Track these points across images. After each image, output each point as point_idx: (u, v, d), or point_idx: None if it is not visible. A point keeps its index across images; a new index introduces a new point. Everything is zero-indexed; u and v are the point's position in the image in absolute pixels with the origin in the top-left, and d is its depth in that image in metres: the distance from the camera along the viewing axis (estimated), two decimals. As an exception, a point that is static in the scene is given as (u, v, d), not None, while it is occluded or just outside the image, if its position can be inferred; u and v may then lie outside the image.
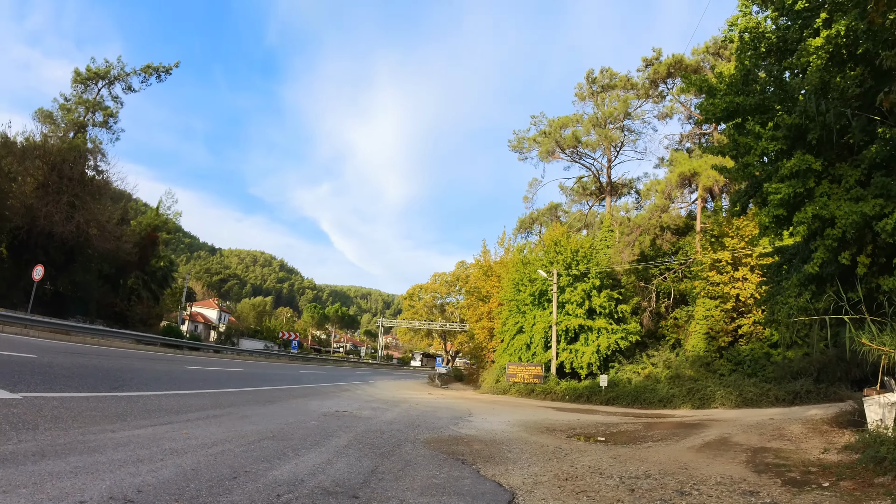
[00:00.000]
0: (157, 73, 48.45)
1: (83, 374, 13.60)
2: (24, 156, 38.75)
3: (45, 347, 18.46)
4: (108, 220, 41.40)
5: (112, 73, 46.89)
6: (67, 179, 38.67)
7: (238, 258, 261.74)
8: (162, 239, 56.01)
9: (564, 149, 49.37)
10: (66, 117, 44.71)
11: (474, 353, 57.46)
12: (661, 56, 43.07)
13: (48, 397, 8.91)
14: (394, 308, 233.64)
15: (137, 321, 46.67)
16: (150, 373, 17.72)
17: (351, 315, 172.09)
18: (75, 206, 38.17)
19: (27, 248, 37.14)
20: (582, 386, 30.51)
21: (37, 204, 36.43)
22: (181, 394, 13.31)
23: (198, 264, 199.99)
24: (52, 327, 26.35)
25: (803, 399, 20.79)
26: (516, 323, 37.48)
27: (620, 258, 35.98)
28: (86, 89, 46.58)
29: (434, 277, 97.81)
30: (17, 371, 11.22)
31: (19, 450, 5.51)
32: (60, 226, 36.66)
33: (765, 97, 16.05)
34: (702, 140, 42.22)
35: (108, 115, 46.85)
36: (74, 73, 46.18)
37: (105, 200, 43.49)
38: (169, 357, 28.33)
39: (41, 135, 41.67)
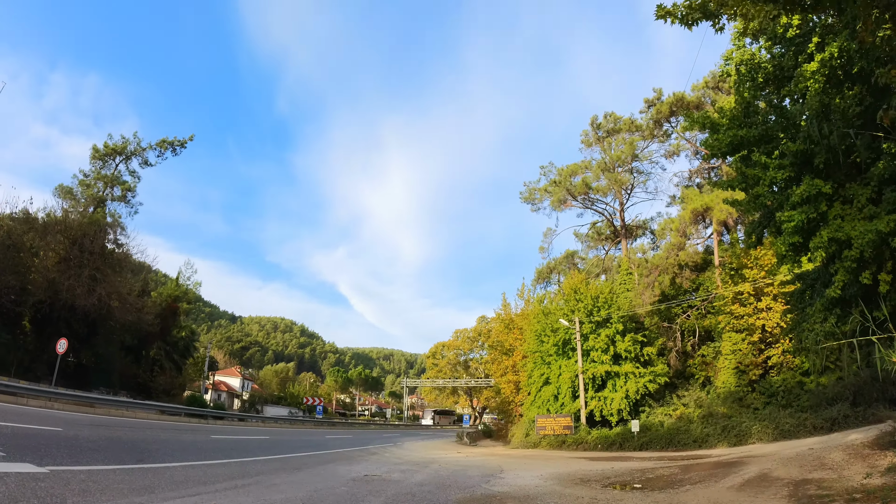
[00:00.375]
0: (172, 146, 49.70)
1: (109, 446, 13.57)
2: (45, 231, 39.58)
3: (71, 420, 18.48)
4: (129, 292, 41.91)
5: (129, 149, 48.18)
6: (88, 253, 39.34)
7: (259, 325, 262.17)
8: (182, 309, 56.41)
9: (576, 196, 49.57)
10: (85, 193, 45.80)
11: (501, 408, 56.58)
12: (662, 96, 43.59)
13: (75, 470, 8.89)
14: (417, 367, 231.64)
15: (161, 392, 46.63)
16: (176, 443, 17.64)
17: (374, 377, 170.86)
18: (97, 279, 38.70)
19: (50, 322, 37.55)
20: (614, 433, 29.88)
21: (59, 278, 36.99)
22: (208, 464, 13.21)
23: (219, 333, 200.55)
24: (77, 400, 26.39)
25: (841, 424, 20.13)
26: (542, 374, 36.98)
27: (641, 300, 35.66)
28: (104, 165, 47.82)
29: (456, 334, 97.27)
30: (44, 444, 11.22)
31: (49, 526, 5.48)
32: (82, 299, 37.10)
33: (767, 127, 16.17)
34: (711, 174, 42.28)
35: (126, 190, 47.92)
36: (92, 149, 47.54)
37: (126, 273, 44.13)
38: (194, 427, 28.22)
39: (62, 210, 42.69)
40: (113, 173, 47.85)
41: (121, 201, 47.83)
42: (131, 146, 48.37)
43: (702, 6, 10.42)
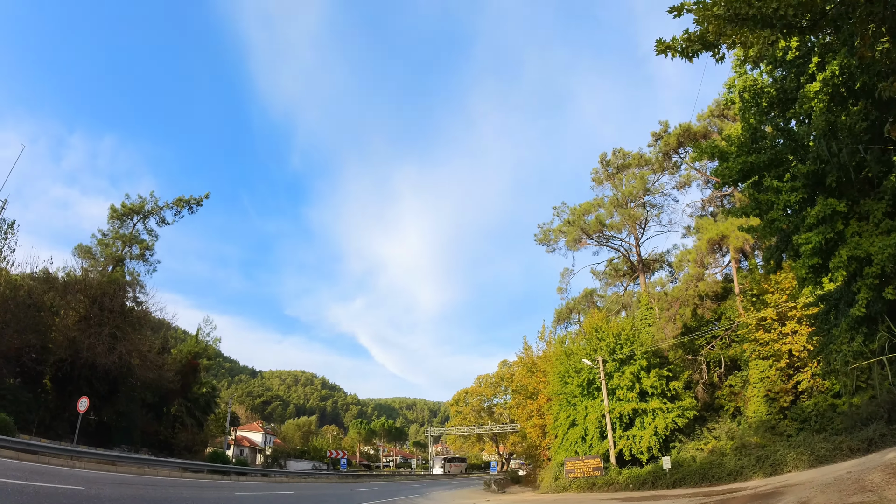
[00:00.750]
0: (188, 205, 50.58)
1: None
2: (65, 290, 40.10)
3: (92, 479, 18.39)
4: (149, 349, 42.11)
5: (146, 208, 49.13)
6: (108, 311, 39.70)
7: (279, 379, 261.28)
8: (203, 365, 56.48)
9: (591, 234, 49.54)
10: (104, 252, 46.58)
11: (529, 453, 55.66)
12: (669, 128, 43.88)
13: (102, 526, 8.82)
14: (441, 416, 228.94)
15: (182, 448, 46.40)
16: (199, 501, 17.49)
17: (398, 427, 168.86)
18: (117, 337, 38.97)
19: (71, 380, 37.72)
20: (645, 472, 29.20)
21: (79, 336, 37.28)
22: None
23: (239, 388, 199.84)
24: (98, 458, 26.29)
25: (878, 444, 19.46)
26: (568, 416, 36.43)
27: (664, 334, 35.25)
28: (122, 224, 48.75)
29: (478, 380, 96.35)
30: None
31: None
32: (103, 357, 37.30)
33: (776, 150, 16.24)
34: (724, 202, 42.13)
35: (144, 248, 48.69)
36: (110, 209, 48.57)
37: (145, 330, 44.42)
38: (216, 484, 27.97)
39: (81, 269, 43.39)
40: (131, 232, 48.71)
41: (139, 259, 48.60)
42: (148, 205, 49.35)
43: (700, 38, 10.61)
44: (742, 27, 10.31)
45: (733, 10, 10.00)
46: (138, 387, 43.35)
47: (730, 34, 10.39)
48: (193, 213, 51.42)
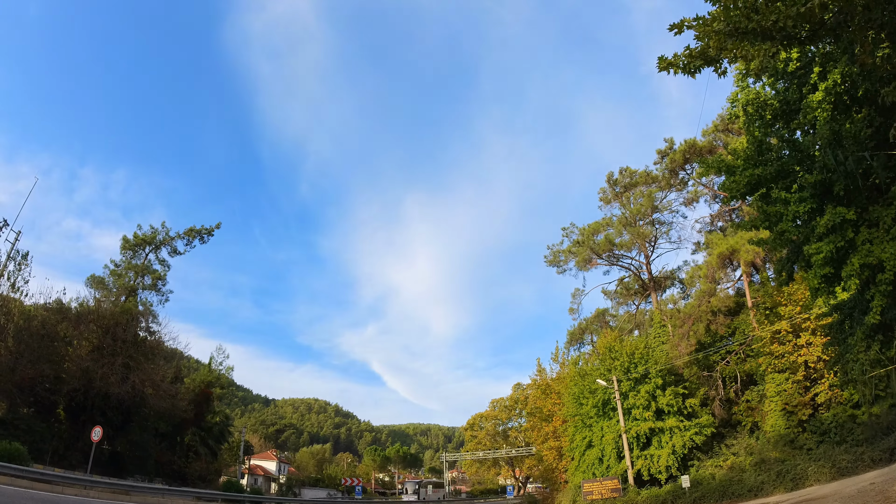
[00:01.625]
0: (199, 235, 50.99)
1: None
2: (78, 320, 40.30)
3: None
4: (162, 379, 42.13)
5: (158, 239, 49.61)
6: (121, 342, 39.87)
7: (293, 407, 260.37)
8: (216, 394, 56.47)
9: (600, 254, 49.43)
10: (116, 282, 46.96)
11: (545, 476, 55.15)
12: (675, 144, 43.90)
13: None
14: (455, 441, 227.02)
15: (196, 478, 46.21)
16: (216, 527, 17.41)
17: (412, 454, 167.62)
18: (130, 366, 39.07)
19: (84, 410, 37.77)
20: (664, 491, 28.87)
21: (92, 366, 37.37)
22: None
23: (253, 417, 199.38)
24: (112, 488, 26.24)
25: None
26: (584, 438, 36.14)
27: (678, 352, 34.98)
28: (134, 255, 49.20)
29: (493, 404, 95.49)
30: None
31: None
32: (116, 386, 37.37)
33: (783, 162, 16.26)
34: (732, 216, 42.01)
35: (156, 279, 49.05)
36: (123, 240, 49.08)
37: (158, 360, 44.49)
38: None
39: (94, 300, 43.67)
40: (143, 263, 49.10)
41: (151, 290, 48.92)
42: (160, 236, 49.83)
43: (702, 53, 10.71)
44: (742, 41, 10.41)
45: (733, 24, 10.10)
46: (152, 416, 43.34)
47: (731, 48, 10.48)
48: (205, 242, 51.84)
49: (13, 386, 35.61)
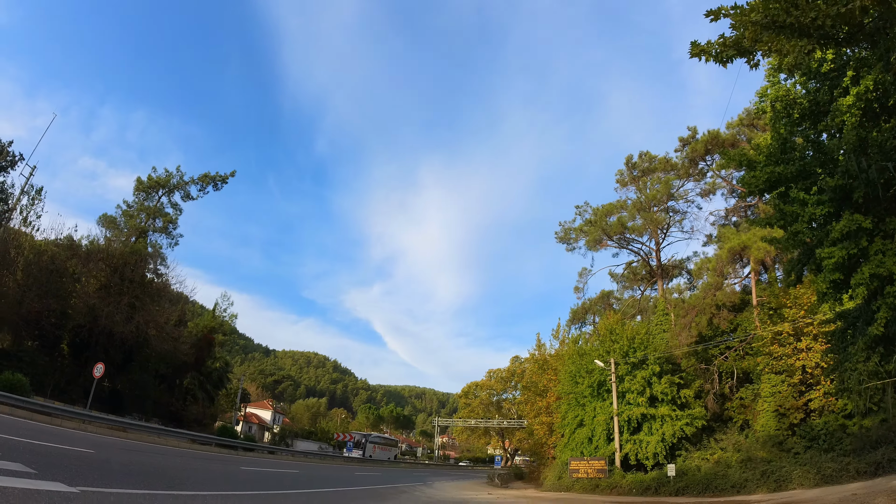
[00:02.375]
0: (214, 182, 51.02)
1: (140, 471, 13.68)
2: (88, 258, 40.74)
3: (103, 443, 18.70)
4: (166, 321, 42.66)
5: (172, 182, 49.69)
6: (128, 282, 40.32)
7: (292, 359, 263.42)
8: (218, 340, 57.10)
9: (611, 236, 49.13)
10: (128, 223, 47.26)
11: (534, 450, 55.66)
12: (697, 134, 43.22)
13: (105, 493, 8.96)
14: (449, 407, 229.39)
15: (192, 421, 47.05)
16: (206, 473, 17.70)
17: (406, 415, 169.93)
18: (135, 307, 39.55)
19: (88, 347, 38.35)
20: (649, 478, 29.11)
21: (99, 304, 37.85)
22: (237, 494, 13.23)
23: (252, 366, 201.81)
24: (110, 424, 26.76)
25: (886, 469, 19.21)
26: (576, 416, 36.37)
27: (678, 341, 34.95)
28: (147, 197, 49.38)
29: (489, 374, 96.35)
30: (76, 465, 11.35)
31: (79, 539, 5.53)
32: (120, 326, 37.86)
33: (805, 163, 16.01)
34: (748, 212, 41.58)
35: (167, 222, 49.26)
36: (137, 181, 49.26)
37: (164, 302, 45.00)
38: (223, 457, 28.31)
39: (104, 239, 44.18)
40: (155, 205, 49.28)
41: (162, 233, 49.19)
42: (174, 179, 49.89)
43: (736, 43, 10.47)
44: (779, 35, 10.17)
45: (771, 16, 9.85)
46: (153, 357, 43.99)
47: (766, 41, 10.24)
48: (218, 189, 51.98)
49: (19, 318, 36.17)
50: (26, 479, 8.17)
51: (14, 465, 9.02)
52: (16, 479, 7.90)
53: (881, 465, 19.63)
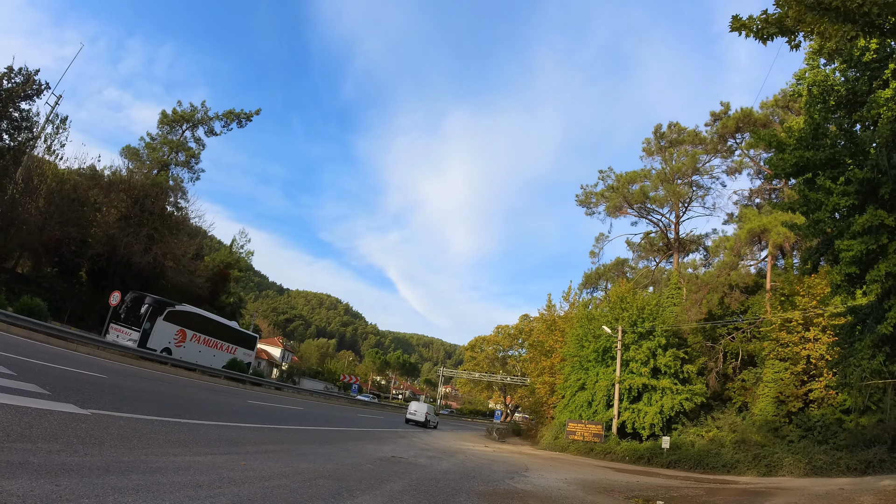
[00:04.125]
0: (238, 119, 51.00)
1: (149, 398, 14.11)
2: (109, 188, 41.30)
3: (115, 370, 19.22)
4: (183, 254, 43.33)
5: (196, 117, 49.77)
6: (148, 213, 40.88)
7: (305, 300, 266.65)
8: (233, 276, 57.99)
9: (632, 204, 48.77)
10: (151, 155, 47.66)
11: (534, 409, 56.41)
12: (730, 110, 42.36)
13: (115, 416, 9.30)
14: (455, 358, 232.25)
15: (203, 353, 47.79)
16: (213, 403, 18.20)
17: (412, 363, 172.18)
18: (154, 238, 40.17)
19: (105, 275, 39.18)
20: (643, 447, 29.55)
21: (118, 234, 38.53)
22: (242, 426, 13.63)
23: (265, 303, 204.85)
24: (124, 351, 27.33)
25: (876, 468, 19.44)
26: (578, 379, 36.75)
27: (687, 316, 34.98)
28: (171, 130, 49.61)
29: (497, 330, 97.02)
30: (88, 389, 11.74)
31: (85, 463, 5.79)
32: (138, 256, 38.55)
33: (835, 151, 15.73)
34: (772, 196, 41.03)
35: (190, 156, 49.55)
36: (161, 114, 49.42)
37: (182, 235, 45.64)
38: (231, 390, 29.01)
39: (127, 170, 44.73)
40: (179, 139, 49.50)
41: (184, 167, 49.56)
42: (199, 114, 49.97)
43: (778, 21, 10.22)
44: (823, 17, 9.91)
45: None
46: (169, 289, 44.74)
47: (809, 22, 9.99)
48: (242, 127, 52.02)
49: (40, 245, 36.94)
50: (40, 400, 8.50)
51: (29, 386, 9.36)
52: (30, 399, 8.23)
53: (871, 464, 19.81)
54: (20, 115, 38.41)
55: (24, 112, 38.66)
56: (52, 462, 5.46)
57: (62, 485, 4.79)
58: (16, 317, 22.49)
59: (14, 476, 4.69)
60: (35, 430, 6.55)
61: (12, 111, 37.73)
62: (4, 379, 9.28)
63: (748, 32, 10.51)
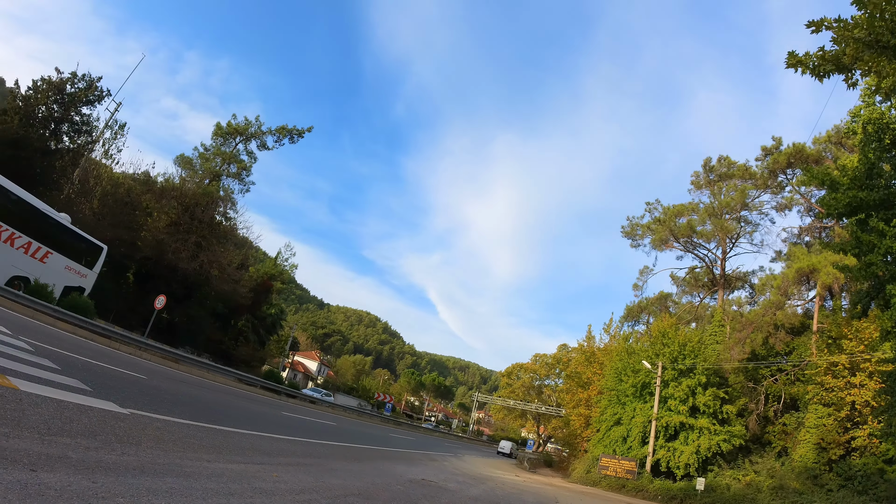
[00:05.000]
0: (290, 135, 52.17)
1: (187, 401, 14.37)
2: (161, 194, 42.67)
3: (155, 371, 19.62)
4: (228, 263, 44.22)
5: (250, 131, 51.12)
6: (198, 221, 41.92)
7: (344, 315, 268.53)
8: (276, 288, 58.92)
9: (678, 238, 48.09)
10: (203, 165, 49.16)
11: (567, 440, 55.72)
12: (781, 145, 41.54)
13: (153, 417, 9.51)
14: (490, 384, 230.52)
15: (241, 361, 48.75)
16: (248, 412, 18.44)
17: (447, 386, 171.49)
18: (201, 246, 41.17)
19: (151, 278, 40.26)
20: (676, 487, 28.86)
21: (167, 239, 39.61)
22: (275, 437, 13.76)
23: (305, 316, 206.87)
24: (164, 354, 27.81)
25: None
26: (614, 414, 36.22)
27: (729, 355, 34.16)
28: (224, 142, 51.05)
29: (535, 358, 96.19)
30: (128, 388, 12.03)
31: (122, 462, 5.95)
32: (185, 262, 39.54)
33: (889, 192, 15.31)
34: (822, 234, 39.97)
35: (241, 168, 50.85)
36: (216, 126, 50.92)
37: (229, 245, 46.67)
38: (267, 400, 29.31)
39: (179, 178, 46.28)
40: (231, 151, 50.85)
41: (235, 178, 50.79)
42: (252, 128, 51.29)
43: (835, 58, 10.12)
44: (881, 55, 9.77)
45: (875, 35, 9.46)
46: (212, 296, 45.72)
47: (866, 60, 9.86)
48: (294, 143, 53.13)
49: (91, 245, 38.31)
50: (82, 396, 8.75)
51: (72, 381, 9.65)
52: (72, 395, 8.49)
53: (912, 517, 18.92)
54: (81, 119, 40.39)
55: (85, 116, 40.67)
56: (90, 458, 5.62)
57: (98, 482, 4.93)
58: (63, 312, 23.14)
59: (52, 469, 4.85)
60: (75, 425, 6.76)
61: (74, 115, 39.69)
62: (49, 373, 9.58)
63: (804, 69, 10.42)
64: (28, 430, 5.73)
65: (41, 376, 8.88)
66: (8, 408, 6.20)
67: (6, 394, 6.75)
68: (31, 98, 37.44)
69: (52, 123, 38.42)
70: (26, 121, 36.38)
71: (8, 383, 7.27)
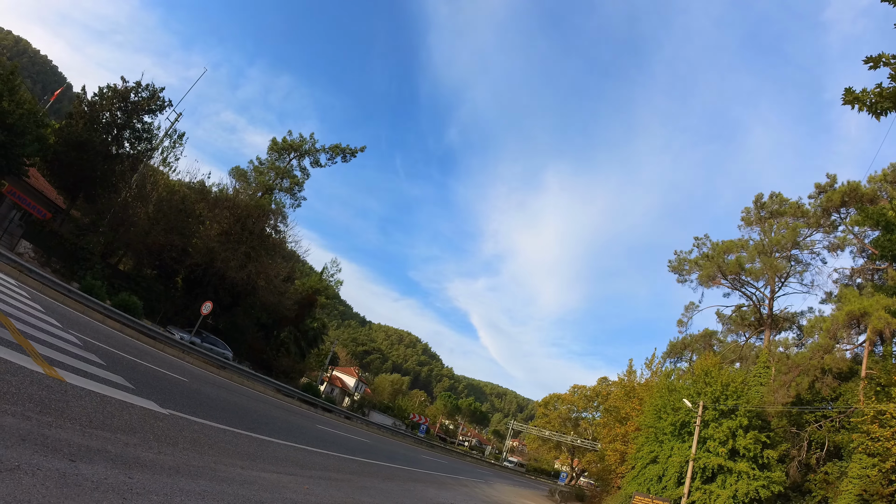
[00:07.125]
0: (343, 154, 53.39)
1: (225, 407, 14.71)
2: (215, 204, 43.90)
3: (197, 375, 20.11)
4: (276, 275, 45.01)
5: (304, 148, 52.58)
6: (248, 232, 42.95)
7: (385, 334, 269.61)
8: (320, 302, 59.74)
9: (726, 275, 47.09)
10: (257, 178, 50.73)
11: (601, 475, 54.63)
12: (836, 183, 40.28)
13: (191, 420, 9.80)
14: (527, 413, 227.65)
15: (280, 371, 49.38)
16: (284, 423, 18.73)
17: (483, 411, 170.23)
18: (250, 256, 42.11)
19: (200, 284, 41.35)
20: (711, 531, 27.98)
21: (217, 248, 40.66)
22: (309, 450, 13.98)
23: (346, 332, 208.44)
24: (207, 359, 28.43)
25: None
26: (651, 451, 35.45)
27: (773, 398, 33.12)
28: (279, 157, 52.59)
29: (573, 389, 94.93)
30: (169, 389, 12.41)
31: (158, 460, 6.19)
32: (233, 271, 40.47)
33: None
34: (875, 277, 38.45)
35: (294, 183, 52.17)
36: (272, 142, 52.61)
37: (277, 257, 47.52)
38: (303, 413, 29.67)
39: (233, 189, 47.70)
40: (285, 166, 52.23)
41: (287, 193, 52.11)
42: (307, 145, 52.72)
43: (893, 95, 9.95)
44: (941, 93, 9.56)
45: (935, 73, 9.26)
46: (257, 306, 46.61)
47: (926, 98, 9.66)
48: (347, 161, 54.42)
49: (144, 247, 39.87)
50: (125, 393, 9.10)
51: (116, 378, 10.02)
52: (116, 391, 8.83)
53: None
54: (142, 127, 42.53)
55: (147, 125, 42.85)
56: (128, 454, 5.87)
57: (134, 478, 5.16)
58: (112, 310, 23.99)
59: (91, 461, 5.09)
60: (116, 420, 7.05)
61: (136, 122, 41.74)
62: (95, 367, 9.96)
63: (861, 106, 10.27)
64: (71, 421, 6.01)
65: (87, 370, 9.26)
66: (54, 398, 6.51)
67: (53, 385, 7.09)
68: (96, 104, 39.47)
69: (114, 129, 40.33)
70: (91, 125, 38.36)
71: (55, 375, 7.62)
